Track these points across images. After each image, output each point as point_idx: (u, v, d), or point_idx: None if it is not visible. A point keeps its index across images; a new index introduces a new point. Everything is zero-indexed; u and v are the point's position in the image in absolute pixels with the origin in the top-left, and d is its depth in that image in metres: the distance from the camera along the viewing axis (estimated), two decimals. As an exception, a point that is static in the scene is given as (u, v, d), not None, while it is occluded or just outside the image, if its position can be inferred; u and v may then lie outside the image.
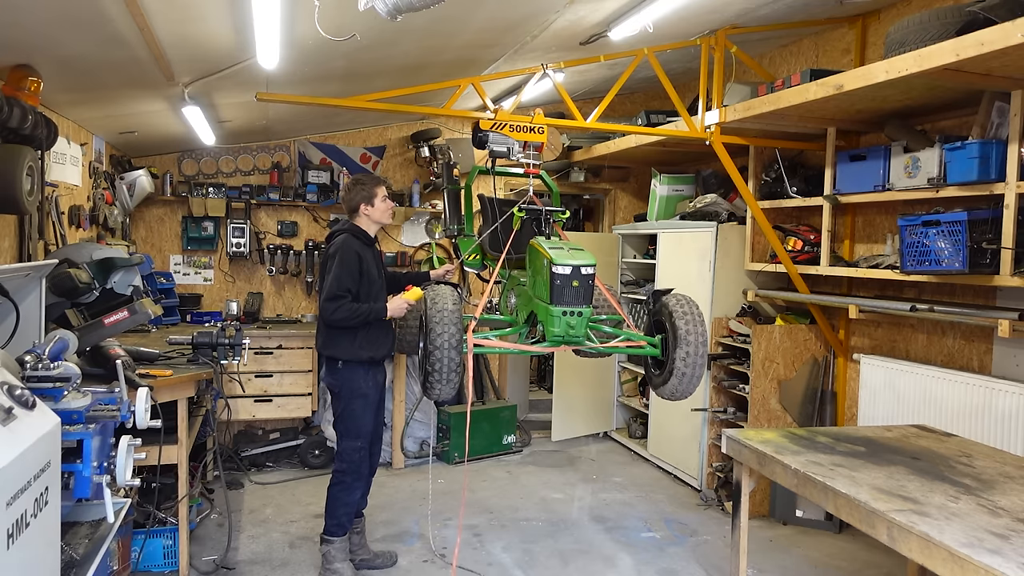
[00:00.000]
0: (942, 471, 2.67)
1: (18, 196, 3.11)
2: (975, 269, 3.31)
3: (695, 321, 3.47)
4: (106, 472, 2.05)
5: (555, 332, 3.35)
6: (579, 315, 3.33)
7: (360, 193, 3.79)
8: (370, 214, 3.81)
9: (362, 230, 3.81)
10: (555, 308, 3.32)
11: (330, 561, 3.73)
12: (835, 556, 4.22)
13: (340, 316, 3.57)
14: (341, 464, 3.76)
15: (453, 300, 3.38)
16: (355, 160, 6.54)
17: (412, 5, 2.36)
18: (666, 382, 3.54)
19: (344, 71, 4.40)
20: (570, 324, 3.33)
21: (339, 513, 3.74)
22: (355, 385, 3.72)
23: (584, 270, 3.32)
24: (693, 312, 3.50)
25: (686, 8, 3.95)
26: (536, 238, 3.74)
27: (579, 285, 3.31)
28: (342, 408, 3.75)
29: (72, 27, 2.94)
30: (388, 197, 3.86)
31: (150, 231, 6.18)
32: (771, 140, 4.75)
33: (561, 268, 3.30)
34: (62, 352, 2.34)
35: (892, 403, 4.10)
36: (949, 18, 3.13)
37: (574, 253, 3.40)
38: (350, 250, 3.67)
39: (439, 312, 3.33)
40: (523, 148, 4.03)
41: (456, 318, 3.31)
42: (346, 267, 3.62)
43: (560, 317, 3.32)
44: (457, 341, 3.28)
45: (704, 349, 3.47)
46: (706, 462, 5.16)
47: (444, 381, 3.33)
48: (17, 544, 1.45)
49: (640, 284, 6.49)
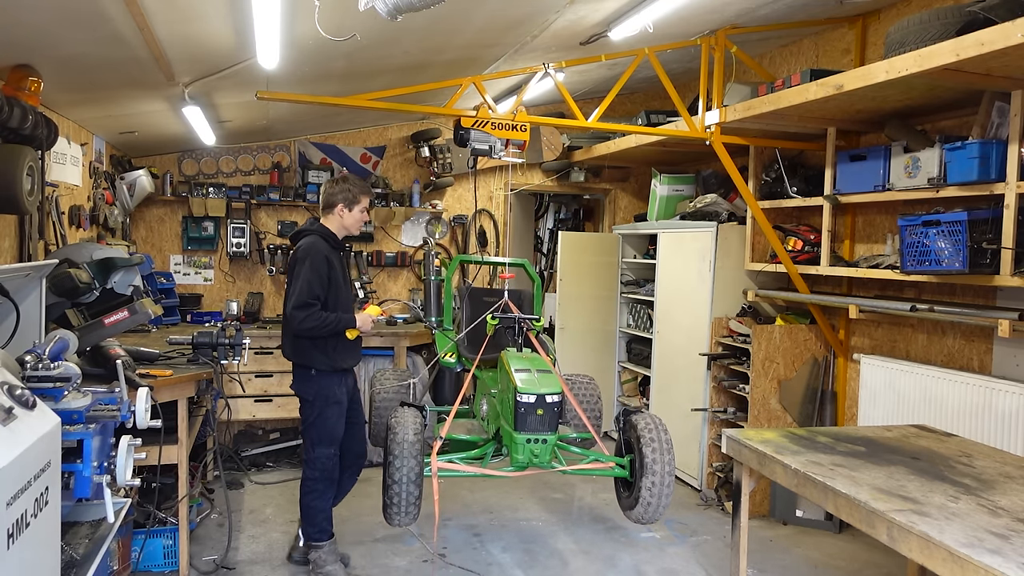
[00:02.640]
0: (942, 471, 2.67)
1: (18, 196, 3.12)
2: (975, 269, 3.30)
3: (662, 449, 3.42)
4: (106, 472, 2.05)
5: (519, 459, 3.32)
6: (544, 442, 3.29)
7: (344, 193, 3.66)
8: (343, 218, 3.68)
9: (331, 232, 3.68)
10: (519, 435, 3.28)
11: (321, 566, 3.73)
12: (835, 556, 4.22)
13: (309, 325, 3.47)
14: (312, 471, 3.69)
15: (415, 430, 3.30)
16: (355, 160, 6.54)
17: (412, 5, 2.36)
18: (632, 507, 3.52)
19: (344, 71, 4.40)
20: (534, 452, 3.30)
21: (318, 520, 3.73)
22: (330, 393, 3.65)
23: (549, 398, 3.27)
24: (661, 439, 3.44)
25: (686, 8, 3.95)
26: (507, 351, 3.71)
27: (544, 413, 3.27)
28: (316, 416, 3.66)
29: (72, 27, 2.94)
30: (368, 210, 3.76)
31: (150, 231, 6.18)
32: (771, 140, 4.75)
33: (526, 397, 3.25)
34: (62, 352, 2.34)
35: (892, 403, 4.10)
36: (949, 18, 3.13)
37: (542, 378, 3.35)
38: (319, 254, 3.54)
39: (399, 444, 3.25)
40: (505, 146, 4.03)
41: (417, 450, 3.25)
42: (315, 272, 3.49)
43: (524, 444, 3.29)
44: (417, 475, 3.24)
45: (671, 479, 3.42)
46: (706, 462, 5.16)
47: (403, 513, 3.29)
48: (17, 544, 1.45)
49: (640, 284, 6.49)
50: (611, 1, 3.77)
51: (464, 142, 3.96)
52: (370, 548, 4.16)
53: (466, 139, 3.92)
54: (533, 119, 4.31)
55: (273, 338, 5.53)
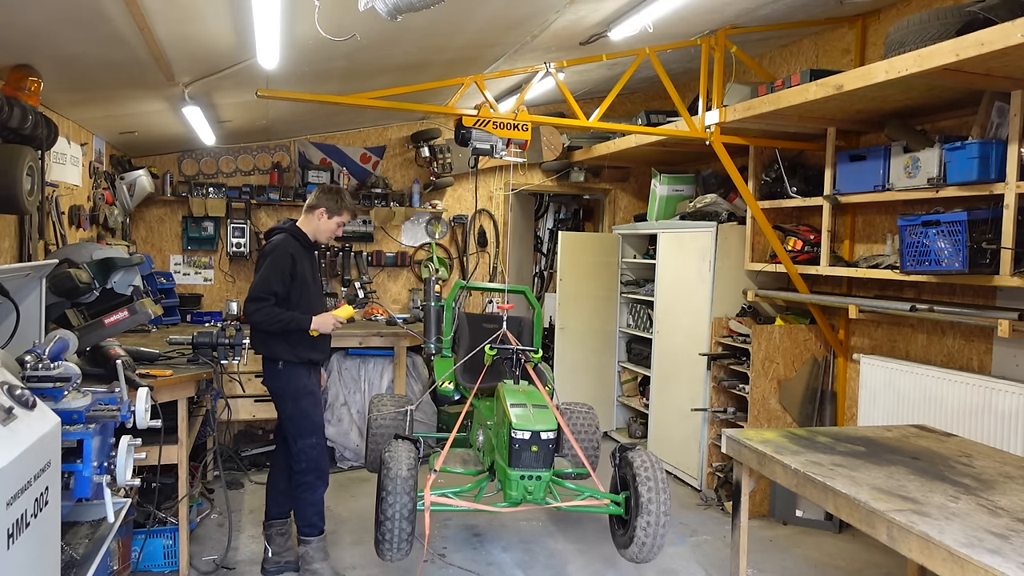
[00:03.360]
0: (942, 471, 2.67)
1: (18, 196, 3.12)
2: (975, 269, 3.31)
3: (658, 489, 3.36)
4: (106, 472, 2.05)
5: (512, 495, 3.30)
6: (538, 479, 3.26)
7: (330, 202, 3.71)
8: (320, 223, 3.72)
9: (303, 232, 3.73)
10: (513, 472, 3.26)
11: (309, 562, 3.73)
12: (835, 556, 4.22)
13: (259, 319, 3.51)
14: (300, 464, 3.69)
15: (408, 465, 3.26)
16: (355, 160, 6.54)
17: (412, 5, 2.36)
18: (627, 546, 3.47)
19: (344, 70, 4.40)
20: (528, 488, 3.27)
21: (308, 514, 3.72)
22: (299, 384, 3.66)
23: (544, 435, 3.24)
24: (656, 478, 3.39)
25: (686, 8, 3.95)
26: (503, 384, 3.68)
27: (539, 450, 3.24)
28: (291, 408, 3.68)
29: (72, 27, 2.94)
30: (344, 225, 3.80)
31: (150, 231, 6.18)
32: (771, 140, 4.75)
33: (520, 433, 3.23)
34: (62, 352, 2.34)
35: (892, 403, 4.10)
36: (949, 18, 3.13)
37: (537, 414, 3.32)
38: (284, 252, 3.59)
39: (392, 480, 3.21)
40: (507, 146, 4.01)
41: (410, 486, 3.21)
42: (276, 269, 3.54)
43: (518, 481, 3.26)
44: (410, 511, 3.21)
45: (666, 519, 3.38)
46: (706, 462, 5.16)
47: (395, 549, 3.26)
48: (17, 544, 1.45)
49: (640, 284, 6.49)
50: (611, 1, 3.77)
51: (465, 141, 3.94)
52: (369, 548, 4.16)
53: (468, 138, 3.91)
54: (535, 118, 4.31)
55: (273, 338, 5.53)
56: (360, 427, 5.71)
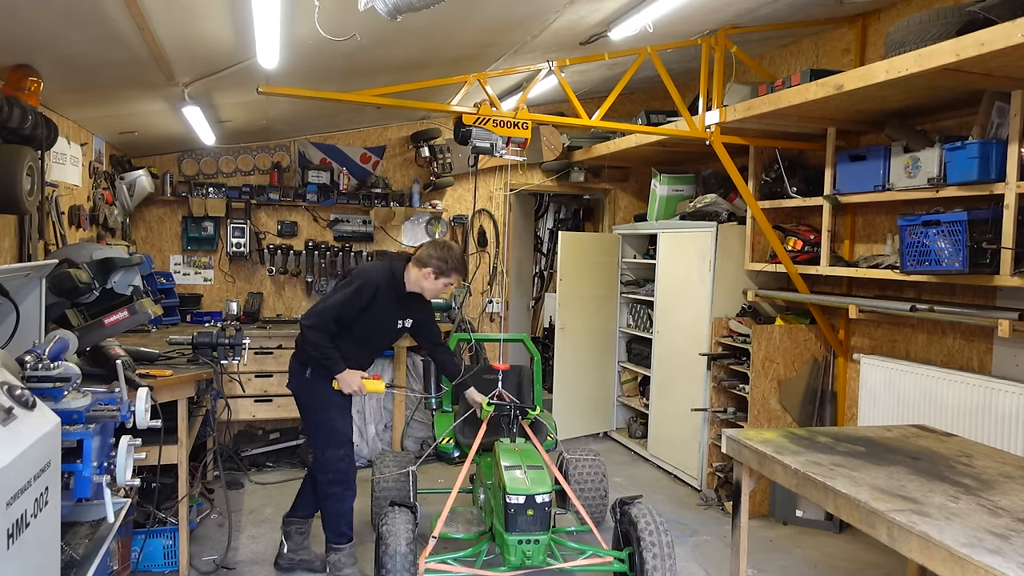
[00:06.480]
0: (942, 471, 2.67)
1: (18, 196, 3.12)
2: (975, 269, 3.30)
3: (663, 555, 3.23)
4: (106, 472, 2.05)
5: (511, 560, 3.23)
6: (536, 543, 3.20)
7: (439, 263, 3.59)
8: (424, 279, 3.62)
9: (403, 278, 3.65)
10: (510, 537, 3.20)
11: (338, 568, 3.71)
12: (835, 556, 4.22)
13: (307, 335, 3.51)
14: (327, 475, 3.64)
15: (407, 539, 3.18)
16: (355, 160, 6.54)
17: (412, 5, 2.36)
18: None
19: (344, 70, 4.40)
20: (526, 553, 3.21)
21: (338, 524, 3.70)
22: (326, 395, 3.64)
23: (540, 498, 3.19)
24: (662, 542, 3.25)
25: (686, 8, 3.95)
26: (499, 443, 3.63)
27: (534, 513, 3.18)
28: (319, 419, 3.65)
29: (72, 27, 2.94)
30: (451, 285, 3.71)
31: (150, 231, 6.18)
32: (771, 140, 4.75)
33: (515, 498, 3.17)
34: (62, 352, 2.34)
35: (892, 403, 4.10)
36: (949, 18, 3.13)
37: (532, 476, 3.26)
38: (371, 286, 3.54)
39: (391, 557, 3.11)
40: (507, 144, 3.99)
41: (409, 562, 3.12)
42: (357, 298, 3.51)
43: (516, 546, 3.20)
44: None
45: None
46: (706, 462, 5.16)
47: None
48: (17, 544, 1.45)
49: (640, 284, 6.49)
50: (611, 1, 3.77)
51: (465, 139, 3.93)
52: (369, 548, 4.15)
53: (467, 136, 3.89)
54: (536, 117, 4.30)
55: (273, 338, 5.53)
56: (360, 427, 5.71)
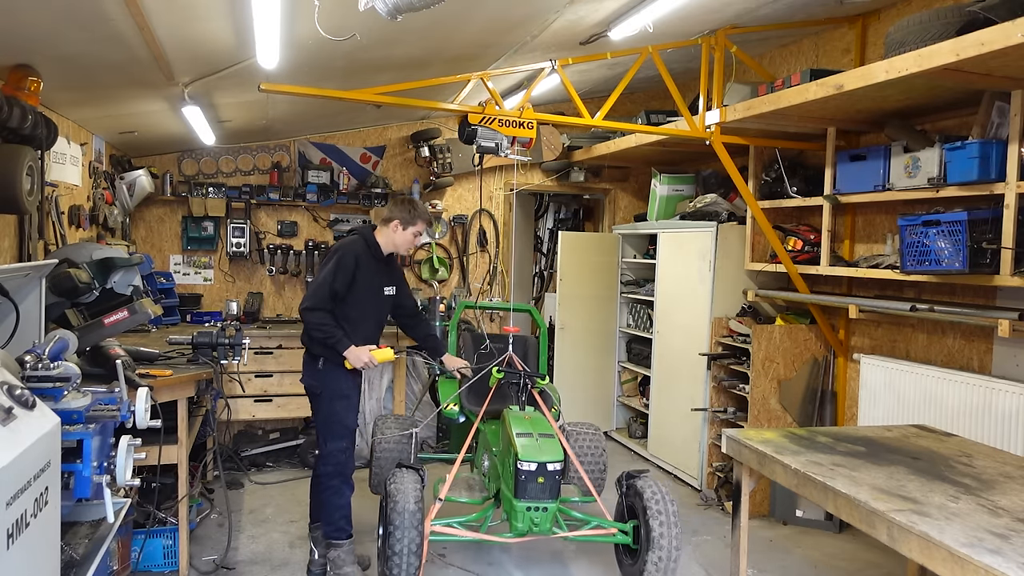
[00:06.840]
0: (942, 471, 2.67)
1: (18, 196, 3.12)
2: (975, 269, 3.30)
3: (669, 523, 3.29)
4: (106, 472, 2.05)
5: (518, 527, 3.26)
6: (544, 510, 3.22)
7: (403, 213, 3.67)
8: (395, 235, 3.70)
9: (376, 241, 3.71)
10: (519, 503, 3.22)
11: (339, 566, 3.70)
12: (835, 556, 4.22)
13: (308, 319, 3.52)
14: (326, 467, 3.67)
15: (415, 498, 3.21)
16: (355, 160, 6.54)
17: (412, 5, 2.36)
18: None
19: (345, 70, 4.40)
20: (534, 520, 3.23)
21: (336, 517, 3.70)
22: (337, 386, 3.66)
23: (551, 466, 3.21)
24: (668, 511, 3.31)
25: (686, 8, 3.95)
26: (509, 410, 3.63)
27: (545, 481, 3.20)
28: (325, 410, 3.68)
29: (72, 27, 2.94)
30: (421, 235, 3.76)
31: (150, 231, 6.18)
32: (771, 140, 4.75)
33: (526, 464, 3.19)
34: (62, 352, 2.34)
35: (892, 403, 4.10)
36: (949, 18, 3.13)
37: (544, 444, 3.28)
38: (350, 254, 3.58)
39: (400, 514, 3.15)
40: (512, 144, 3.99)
41: (418, 520, 3.17)
42: (341, 269, 3.53)
43: (524, 512, 3.22)
44: (418, 546, 3.16)
45: (678, 554, 3.31)
46: (706, 462, 5.16)
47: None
48: (17, 544, 1.45)
49: (640, 284, 6.49)
50: (611, 1, 3.77)
51: (471, 139, 3.91)
52: (368, 548, 4.16)
53: (473, 136, 3.88)
54: (541, 116, 4.30)
55: (273, 338, 5.53)
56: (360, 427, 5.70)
